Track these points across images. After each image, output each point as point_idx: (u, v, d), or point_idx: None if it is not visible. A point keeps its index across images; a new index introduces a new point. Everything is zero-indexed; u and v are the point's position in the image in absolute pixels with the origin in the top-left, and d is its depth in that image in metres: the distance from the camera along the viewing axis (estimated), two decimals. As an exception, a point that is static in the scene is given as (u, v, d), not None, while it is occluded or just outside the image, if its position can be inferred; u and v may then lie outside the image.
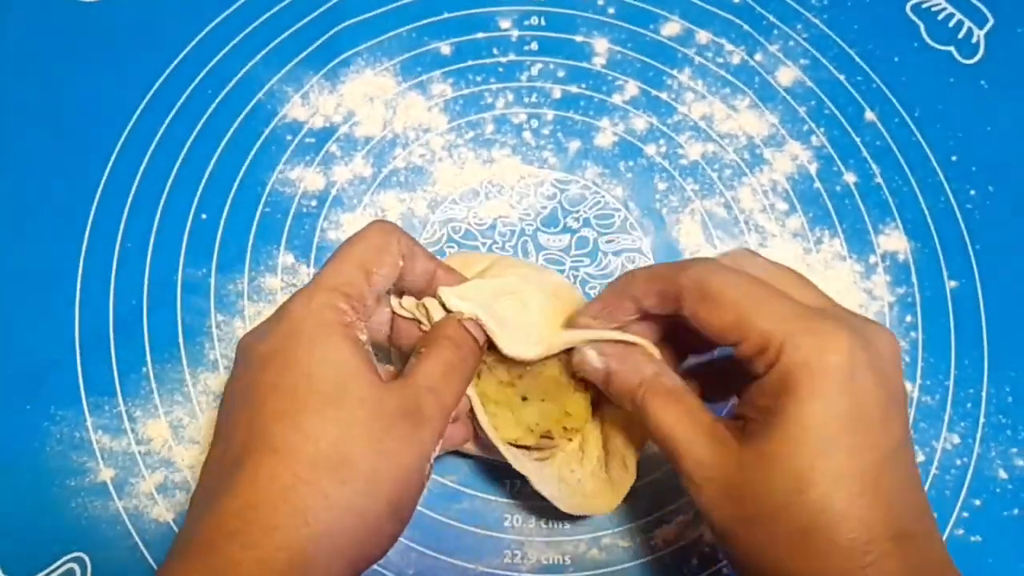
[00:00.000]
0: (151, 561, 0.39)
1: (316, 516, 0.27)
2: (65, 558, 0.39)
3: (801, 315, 0.28)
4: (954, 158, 0.48)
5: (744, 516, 0.28)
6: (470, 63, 0.49)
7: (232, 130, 0.47)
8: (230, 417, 0.30)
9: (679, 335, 0.34)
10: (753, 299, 0.29)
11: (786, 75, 0.50)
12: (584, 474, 0.37)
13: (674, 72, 0.50)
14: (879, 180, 0.48)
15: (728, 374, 0.34)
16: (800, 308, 0.29)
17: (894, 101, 0.50)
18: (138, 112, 0.47)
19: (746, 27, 0.51)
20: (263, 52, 0.49)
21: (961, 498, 0.42)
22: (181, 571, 0.27)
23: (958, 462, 0.43)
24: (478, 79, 0.49)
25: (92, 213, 0.45)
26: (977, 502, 0.42)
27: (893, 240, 0.47)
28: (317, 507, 0.27)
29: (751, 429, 0.29)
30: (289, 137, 0.47)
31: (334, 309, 0.30)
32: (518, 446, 0.37)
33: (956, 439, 0.43)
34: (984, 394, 0.44)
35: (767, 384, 0.29)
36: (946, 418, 0.43)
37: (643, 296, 0.32)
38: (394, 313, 0.36)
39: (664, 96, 0.49)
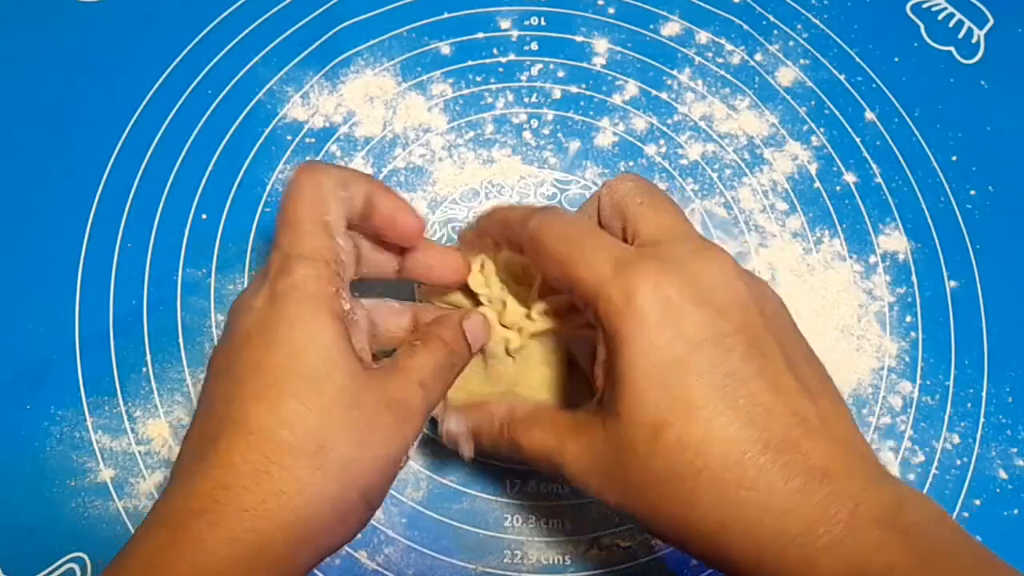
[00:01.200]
0: (151, 561, 0.39)
1: (288, 501, 0.26)
2: (65, 558, 0.39)
3: (617, 262, 0.28)
4: (954, 158, 0.48)
5: (629, 485, 0.28)
6: (470, 63, 0.49)
7: (232, 130, 0.47)
8: (212, 388, 0.30)
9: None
10: (576, 251, 0.29)
11: (786, 75, 0.50)
12: None
13: (674, 72, 0.50)
14: (879, 180, 0.48)
15: None
16: (617, 254, 0.28)
17: (894, 101, 0.50)
18: (138, 112, 0.47)
19: (746, 27, 0.51)
20: (263, 52, 0.49)
21: (961, 498, 0.42)
22: (148, 543, 0.27)
23: (958, 462, 0.43)
24: (478, 79, 0.49)
25: (92, 213, 0.45)
26: (977, 502, 0.42)
27: (893, 240, 0.47)
28: (289, 492, 0.27)
29: (604, 399, 0.29)
30: (289, 137, 0.47)
31: (315, 280, 0.30)
32: None
33: (956, 439, 0.43)
34: (984, 394, 0.44)
35: (601, 344, 0.28)
36: (946, 418, 0.43)
37: (498, 240, 0.33)
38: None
39: (664, 96, 0.49)
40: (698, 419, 0.26)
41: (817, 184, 0.48)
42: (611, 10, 0.51)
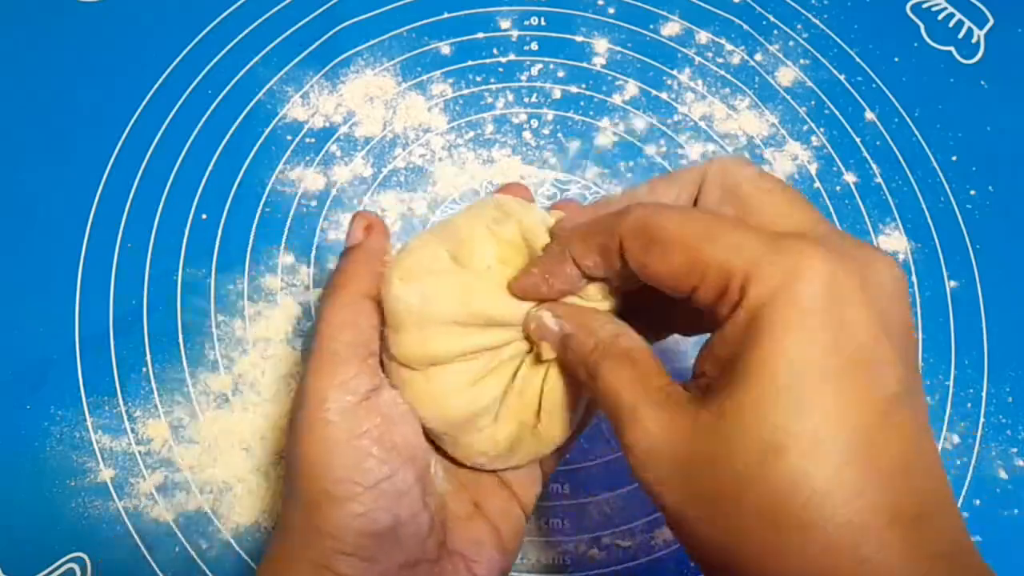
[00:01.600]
0: (151, 562, 0.39)
1: None
2: (65, 558, 0.39)
3: (768, 240, 0.23)
4: (954, 158, 0.48)
5: (700, 495, 0.23)
6: (470, 63, 0.49)
7: (232, 130, 0.47)
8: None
9: (655, 310, 0.30)
10: (707, 232, 0.24)
11: (786, 75, 0.50)
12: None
13: (674, 72, 0.50)
14: (879, 180, 0.48)
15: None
16: (767, 234, 0.23)
17: (894, 101, 0.50)
18: (138, 112, 0.47)
19: (746, 27, 0.51)
20: (263, 52, 0.49)
21: (961, 498, 0.42)
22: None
23: (958, 462, 0.43)
24: (478, 79, 0.49)
25: (92, 213, 0.45)
26: (977, 502, 0.42)
27: (893, 240, 0.47)
28: None
29: (712, 389, 0.23)
30: (289, 137, 0.47)
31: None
32: None
33: (956, 439, 0.43)
34: (984, 394, 0.44)
35: (730, 330, 0.23)
36: (946, 418, 0.43)
37: (582, 256, 0.27)
38: None
39: (664, 96, 0.49)
40: (827, 463, 0.21)
41: (817, 184, 0.48)
42: (611, 10, 0.51)
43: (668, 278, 0.25)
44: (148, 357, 0.43)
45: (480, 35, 0.50)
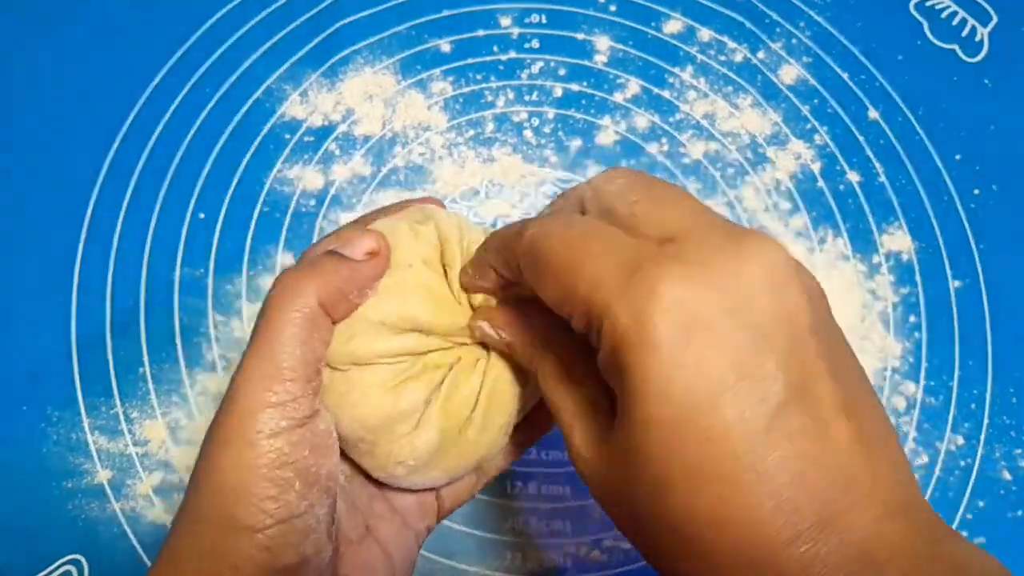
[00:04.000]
0: (148, 563, 0.39)
1: None
2: (61, 560, 0.39)
3: (625, 271, 0.22)
4: (958, 157, 0.48)
5: (627, 516, 0.23)
6: (470, 61, 0.49)
7: (230, 128, 0.47)
8: None
9: None
10: (577, 258, 0.23)
11: (789, 73, 0.50)
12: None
13: (676, 70, 0.49)
14: (883, 179, 0.48)
15: None
16: (630, 256, 0.22)
17: (897, 100, 0.49)
18: (136, 110, 0.47)
19: (748, 25, 0.50)
20: (261, 50, 0.48)
21: (965, 500, 0.42)
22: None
23: (962, 463, 0.42)
24: (478, 77, 0.49)
25: (89, 213, 0.45)
26: (981, 503, 0.42)
27: (897, 240, 0.46)
28: None
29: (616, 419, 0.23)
30: (288, 136, 0.47)
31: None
32: None
33: (960, 440, 0.43)
34: (988, 395, 0.43)
35: (603, 364, 0.23)
36: (950, 419, 0.43)
37: (499, 267, 0.27)
38: None
39: (666, 94, 0.49)
40: (711, 493, 0.21)
41: (820, 183, 0.47)
42: (612, 7, 0.50)
43: (552, 304, 0.24)
44: (145, 358, 0.42)
45: (480, 32, 0.50)
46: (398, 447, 0.28)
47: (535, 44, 0.49)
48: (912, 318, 0.45)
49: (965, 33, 0.51)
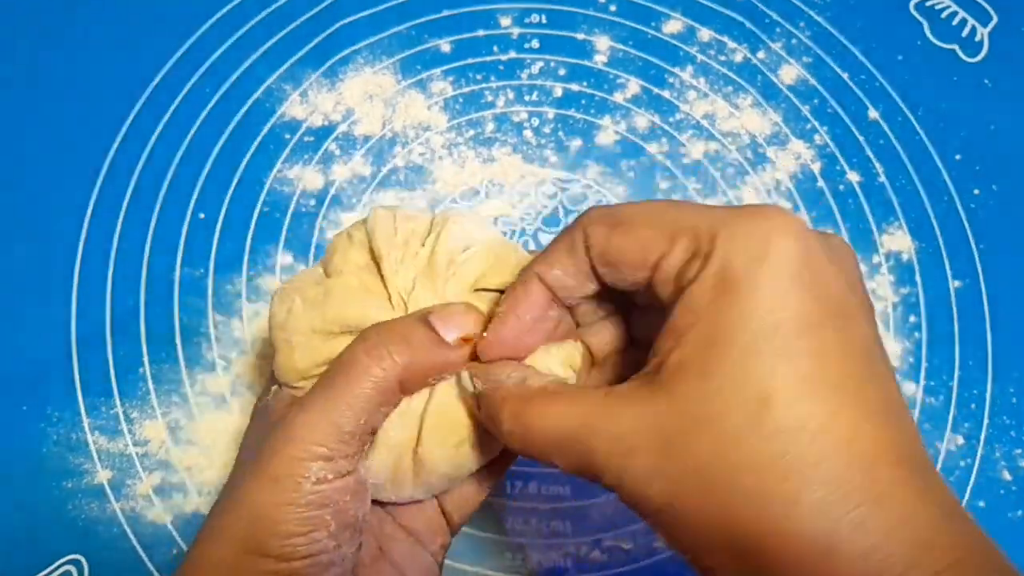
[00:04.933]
0: (148, 564, 0.39)
1: None
2: (61, 560, 0.39)
3: (734, 209, 0.23)
4: (958, 157, 0.48)
5: (690, 470, 0.22)
6: (470, 61, 0.49)
7: (230, 129, 0.47)
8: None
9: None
10: (670, 205, 0.25)
11: (789, 73, 0.50)
12: None
13: (676, 70, 0.49)
14: (883, 179, 0.48)
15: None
16: (729, 207, 0.24)
17: (897, 100, 0.49)
18: (135, 110, 0.47)
19: (748, 25, 0.50)
20: (261, 50, 0.48)
21: (965, 500, 0.42)
22: None
23: (962, 463, 0.42)
24: (478, 77, 0.49)
25: (89, 212, 0.45)
26: (981, 504, 0.42)
27: (897, 239, 0.46)
28: None
29: (674, 362, 0.22)
30: (288, 136, 0.47)
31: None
32: None
33: (960, 440, 0.43)
34: (988, 395, 0.43)
35: (697, 292, 0.22)
36: (950, 419, 0.43)
37: (549, 265, 0.26)
38: None
39: (666, 94, 0.49)
40: (821, 406, 0.21)
41: (820, 183, 0.47)
42: (612, 7, 0.50)
43: (634, 251, 0.24)
44: (145, 358, 0.42)
45: (480, 32, 0.50)
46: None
47: (535, 44, 0.49)
48: (912, 318, 0.45)
49: (965, 33, 0.51)
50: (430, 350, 0.27)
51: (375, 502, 0.30)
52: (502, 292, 0.29)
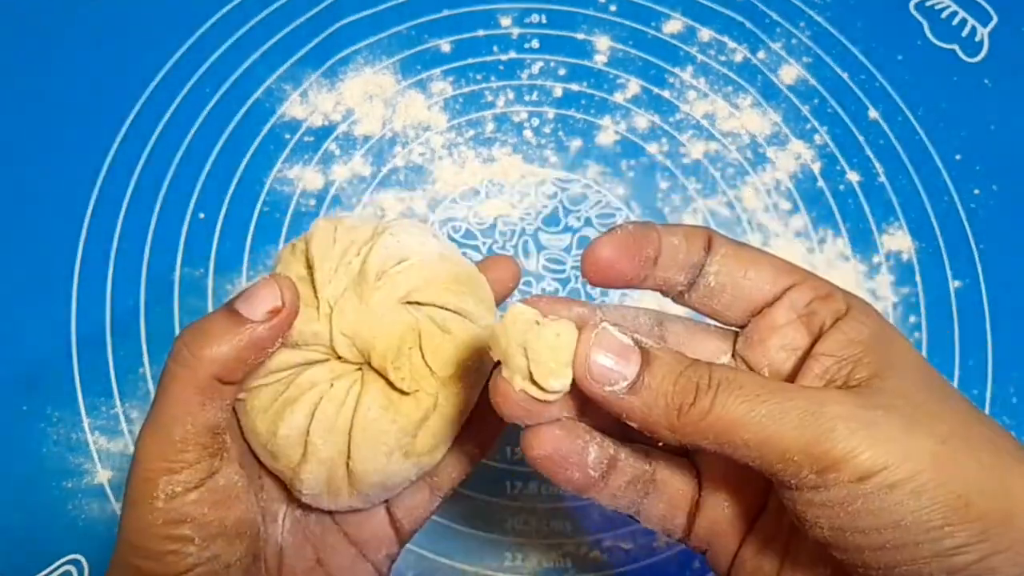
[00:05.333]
0: (148, 564, 0.39)
1: None
2: (61, 560, 0.39)
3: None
4: (958, 157, 0.48)
5: (981, 524, 0.21)
6: (470, 61, 0.49)
7: (230, 129, 0.47)
8: None
9: None
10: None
11: (789, 73, 0.50)
12: None
13: (676, 70, 0.49)
14: (883, 179, 0.48)
15: None
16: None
17: (897, 100, 0.49)
18: (135, 111, 0.47)
19: (748, 25, 0.50)
20: (261, 50, 0.48)
21: (965, 500, 0.42)
22: None
23: (962, 463, 0.42)
24: (478, 77, 0.49)
25: (89, 213, 0.45)
26: (981, 504, 0.42)
27: (897, 240, 0.46)
28: None
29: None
30: (288, 136, 0.47)
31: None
32: None
33: (960, 440, 0.43)
34: (988, 395, 0.43)
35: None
36: (950, 419, 0.43)
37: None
38: None
39: (666, 94, 0.49)
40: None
41: (820, 183, 0.47)
42: (612, 7, 0.50)
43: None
44: (145, 358, 0.42)
45: (480, 33, 0.50)
46: (295, 476, 0.28)
47: (535, 44, 0.49)
48: (912, 318, 0.45)
49: (965, 33, 0.51)
50: (232, 333, 0.26)
51: (322, 512, 0.30)
52: (436, 306, 0.28)
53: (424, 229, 0.31)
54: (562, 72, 0.49)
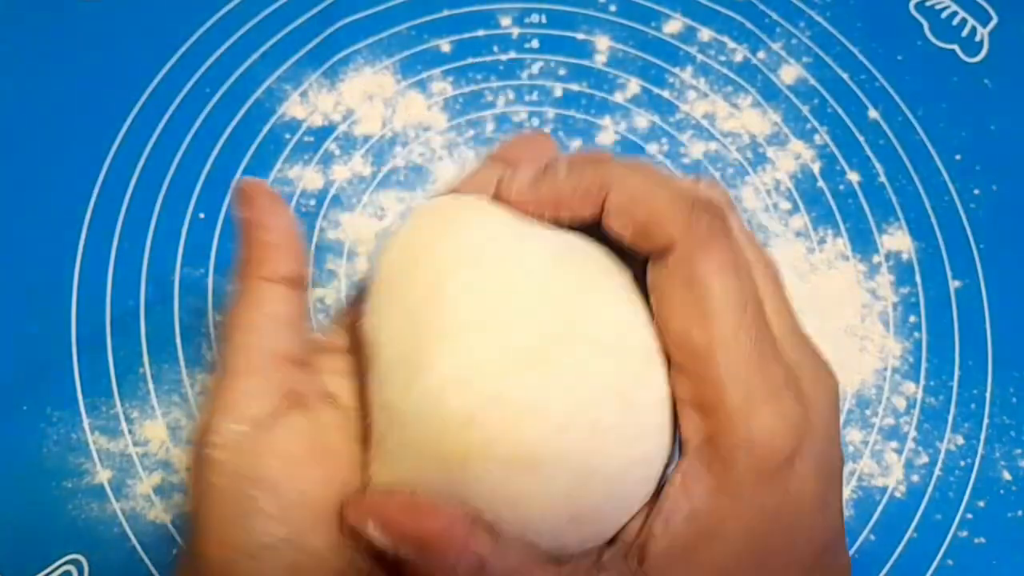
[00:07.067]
0: (149, 564, 0.39)
1: None
2: (62, 560, 0.39)
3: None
4: (958, 157, 0.48)
5: None
6: (470, 61, 0.49)
7: (230, 129, 0.47)
8: None
9: None
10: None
11: (789, 73, 0.50)
12: None
13: (676, 70, 0.49)
14: (883, 179, 0.48)
15: None
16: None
17: (897, 100, 0.49)
18: (135, 111, 0.47)
19: (749, 25, 0.50)
20: (261, 50, 0.48)
21: (965, 500, 0.42)
22: None
23: (962, 463, 0.42)
24: (478, 77, 0.49)
25: (88, 213, 0.45)
26: (981, 504, 0.42)
27: (897, 240, 0.46)
28: None
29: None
30: (287, 136, 0.47)
31: None
32: None
33: (960, 440, 0.43)
34: (988, 395, 0.43)
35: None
36: (950, 419, 0.43)
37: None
38: None
39: (666, 94, 0.49)
40: None
41: (820, 183, 0.47)
42: (612, 7, 0.50)
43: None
44: (145, 358, 0.42)
45: (480, 32, 0.50)
46: None
47: (535, 44, 0.49)
48: (912, 318, 0.45)
49: (965, 33, 0.51)
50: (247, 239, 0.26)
51: None
52: None
53: None
54: (562, 72, 0.49)
